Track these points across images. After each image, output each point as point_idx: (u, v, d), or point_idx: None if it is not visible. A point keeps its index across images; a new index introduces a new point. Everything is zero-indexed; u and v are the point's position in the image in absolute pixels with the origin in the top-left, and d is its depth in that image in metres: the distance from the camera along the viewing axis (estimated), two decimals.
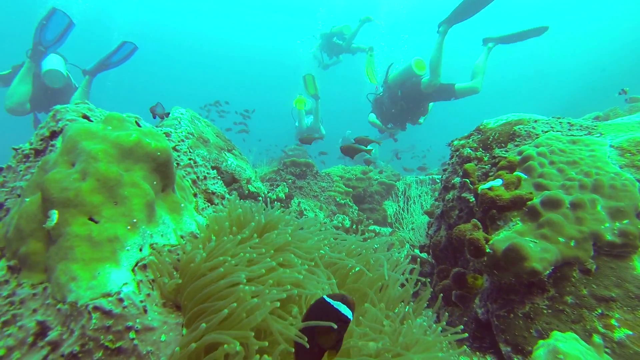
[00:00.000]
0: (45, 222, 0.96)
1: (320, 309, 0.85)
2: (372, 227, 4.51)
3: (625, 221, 1.45)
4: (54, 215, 0.97)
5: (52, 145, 1.32)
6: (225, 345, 0.79)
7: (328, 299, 0.85)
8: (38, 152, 1.37)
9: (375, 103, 6.78)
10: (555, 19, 27.79)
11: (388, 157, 10.61)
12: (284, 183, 4.42)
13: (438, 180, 4.99)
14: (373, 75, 7.70)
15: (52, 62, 5.27)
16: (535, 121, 2.24)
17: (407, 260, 1.56)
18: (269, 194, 3.89)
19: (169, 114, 3.19)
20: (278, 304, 0.89)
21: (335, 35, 9.15)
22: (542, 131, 2.09)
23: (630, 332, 1.25)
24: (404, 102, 6.19)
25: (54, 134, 1.37)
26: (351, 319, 0.84)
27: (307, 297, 1.09)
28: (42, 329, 0.87)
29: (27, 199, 1.07)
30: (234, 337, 0.83)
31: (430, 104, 6.47)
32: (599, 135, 1.91)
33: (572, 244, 1.47)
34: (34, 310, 0.90)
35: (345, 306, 0.84)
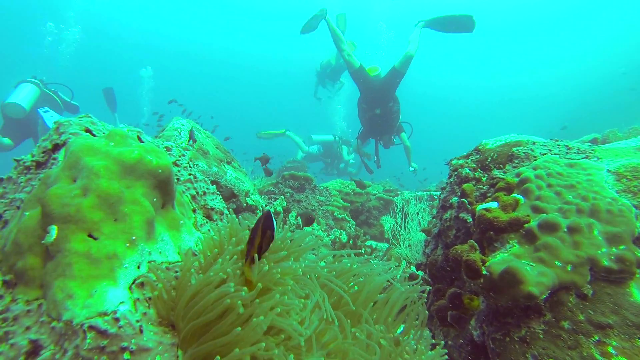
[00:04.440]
0: (44, 238, 0.97)
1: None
2: (369, 243, 4.50)
3: (622, 247, 1.46)
4: (53, 230, 0.97)
5: (54, 159, 1.33)
6: None
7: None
8: (39, 165, 1.38)
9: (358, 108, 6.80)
10: (556, 36, 28.19)
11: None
12: (282, 197, 4.42)
13: (436, 197, 5.01)
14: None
15: (17, 94, 5.64)
16: (534, 143, 2.26)
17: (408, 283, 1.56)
18: (267, 207, 3.90)
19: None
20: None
21: (325, 68, 9.59)
22: (540, 153, 2.11)
23: None
24: (365, 104, 6.36)
25: (56, 147, 1.38)
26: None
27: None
28: (35, 348, 0.86)
29: (27, 213, 1.07)
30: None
31: (404, 135, 6.63)
32: (596, 159, 1.93)
33: (569, 268, 1.48)
34: (28, 328, 0.90)
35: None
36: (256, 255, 1.02)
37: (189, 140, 2.98)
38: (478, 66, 35.73)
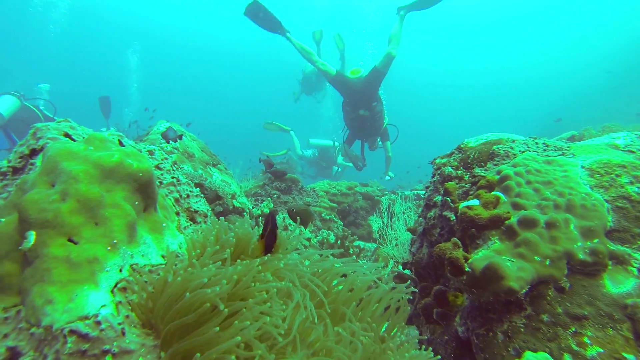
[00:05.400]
0: (22, 244, 0.95)
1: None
2: (356, 243, 4.53)
3: (595, 240, 1.51)
4: (31, 236, 0.96)
5: (32, 164, 1.30)
6: None
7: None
8: (16, 170, 1.35)
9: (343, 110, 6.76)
10: (546, 24, 28.37)
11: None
12: (269, 198, 4.42)
13: (422, 196, 5.07)
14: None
15: None
16: (513, 141, 2.32)
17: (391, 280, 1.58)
18: (254, 210, 3.88)
19: (181, 136, 3.23)
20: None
21: (310, 77, 9.62)
22: (519, 151, 2.17)
23: (601, 350, 1.29)
24: (349, 107, 6.35)
25: (33, 152, 1.36)
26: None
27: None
28: (13, 355, 0.85)
29: (3, 219, 1.05)
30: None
31: (389, 144, 6.69)
32: (571, 156, 1.99)
33: (547, 262, 1.52)
34: (5, 335, 0.88)
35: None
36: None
37: (177, 139, 2.95)
38: (470, 58, 35.90)
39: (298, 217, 1.61)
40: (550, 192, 1.74)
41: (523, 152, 2.14)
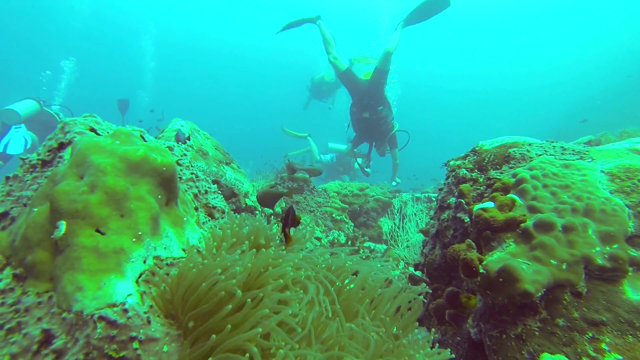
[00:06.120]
0: (53, 233, 0.99)
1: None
2: (367, 244, 4.53)
3: (615, 245, 1.50)
4: (62, 225, 1.00)
5: (60, 157, 1.35)
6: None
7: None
8: (45, 163, 1.40)
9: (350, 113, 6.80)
10: (557, 27, 27.92)
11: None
12: (281, 197, 4.45)
13: (434, 199, 5.05)
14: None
15: (18, 104, 6.26)
16: (530, 144, 2.30)
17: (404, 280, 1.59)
18: (265, 208, 3.92)
19: (189, 137, 3.30)
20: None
21: (320, 85, 9.72)
22: (536, 154, 2.15)
23: (620, 357, 1.28)
24: (355, 108, 6.42)
25: (62, 146, 1.40)
26: None
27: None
28: (47, 337, 0.89)
29: (36, 209, 1.10)
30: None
31: (397, 151, 6.71)
32: (590, 160, 1.97)
33: (563, 266, 1.51)
34: (39, 319, 0.92)
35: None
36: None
37: (185, 141, 3.00)
38: (486, 61, 35.50)
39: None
40: (568, 196, 1.73)
41: (540, 155, 2.12)
